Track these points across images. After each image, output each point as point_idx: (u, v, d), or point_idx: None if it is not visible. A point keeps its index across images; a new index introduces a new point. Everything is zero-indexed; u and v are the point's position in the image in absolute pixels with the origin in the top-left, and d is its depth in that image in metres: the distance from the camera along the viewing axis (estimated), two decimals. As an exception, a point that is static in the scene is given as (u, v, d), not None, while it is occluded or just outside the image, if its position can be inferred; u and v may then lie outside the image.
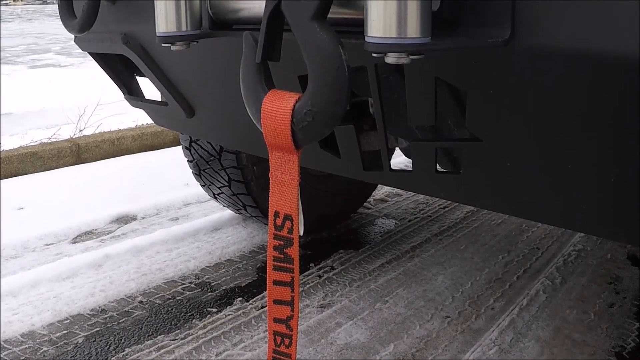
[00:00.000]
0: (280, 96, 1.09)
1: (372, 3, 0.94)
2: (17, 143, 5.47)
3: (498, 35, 1.03)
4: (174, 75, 2.02)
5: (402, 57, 0.94)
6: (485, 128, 1.31)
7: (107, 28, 1.95)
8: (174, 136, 5.70)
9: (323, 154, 1.75)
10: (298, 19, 1.03)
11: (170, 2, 1.33)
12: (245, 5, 1.31)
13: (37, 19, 46.83)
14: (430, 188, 1.60)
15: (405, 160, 4.44)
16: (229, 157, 2.91)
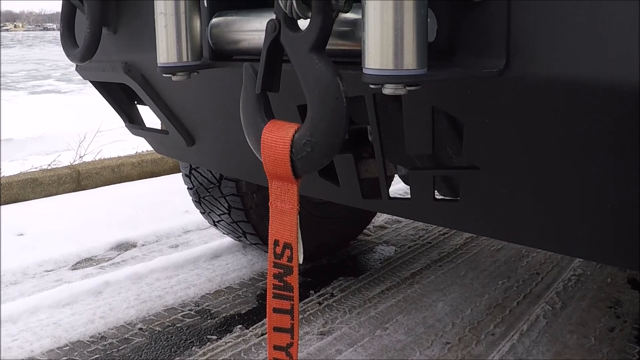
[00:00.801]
0: (280, 126, 1.11)
1: (369, 35, 0.96)
2: (18, 169, 5.50)
3: (493, 65, 1.05)
4: (175, 104, 2.04)
5: (399, 88, 0.96)
6: (482, 156, 1.32)
7: (108, 57, 1.97)
8: (173, 163, 5.72)
9: (322, 182, 1.76)
10: (297, 51, 1.05)
11: (172, 33, 1.36)
12: (245, 36, 1.33)
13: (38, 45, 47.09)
14: (429, 216, 1.62)
15: (405, 187, 4.45)
16: (229, 184, 2.92)
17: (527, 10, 1.02)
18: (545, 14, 1.00)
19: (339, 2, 1.01)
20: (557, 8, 0.98)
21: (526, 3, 1.01)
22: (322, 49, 1.04)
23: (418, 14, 0.95)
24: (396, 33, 0.93)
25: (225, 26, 1.36)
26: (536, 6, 1.00)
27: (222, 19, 1.38)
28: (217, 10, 1.40)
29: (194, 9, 1.37)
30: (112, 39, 1.92)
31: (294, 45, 1.06)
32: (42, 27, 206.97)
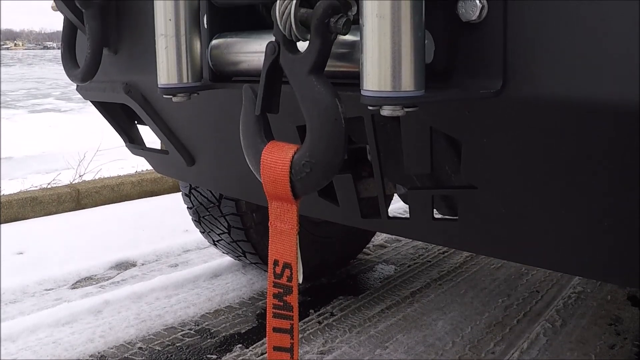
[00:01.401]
0: (279, 148, 1.12)
1: (367, 57, 0.97)
2: (17, 187, 5.50)
3: (490, 86, 1.06)
4: (175, 124, 2.05)
5: (397, 109, 0.97)
6: (480, 176, 1.33)
7: (109, 77, 1.99)
8: (173, 183, 5.73)
9: (321, 202, 1.77)
10: (296, 73, 1.06)
11: (172, 54, 1.37)
12: (245, 58, 1.34)
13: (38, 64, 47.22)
14: (428, 235, 1.62)
15: (404, 206, 4.46)
16: (229, 204, 2.93)
17: (523, 31, 1.03)
18: (541, 35, 1.01)
19: (337, 25, 1.02)
20: (552, 29, 0.99)
21: (522, 24, 1.02)
22: (321, 70, 1.05)
23: (415, 36, 0.96)
24: (394, 55, 0.95)
25: (225, 48, 1.38)
26: (532, 27, 1.02)
27: (222, 41, 1.39)
28: (217, 31, 1.42)
29: (194, 30, 1.39)
30: (112, 60, 1.93)
31: (293, 67, 1.07)
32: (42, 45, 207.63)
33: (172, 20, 1.36)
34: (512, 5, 1.04)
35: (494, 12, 1.05)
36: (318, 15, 1.02)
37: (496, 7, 1.05)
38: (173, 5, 1.36)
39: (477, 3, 1.05)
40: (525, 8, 1.02)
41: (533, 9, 1.02)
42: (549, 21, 1.00)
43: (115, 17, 1.89)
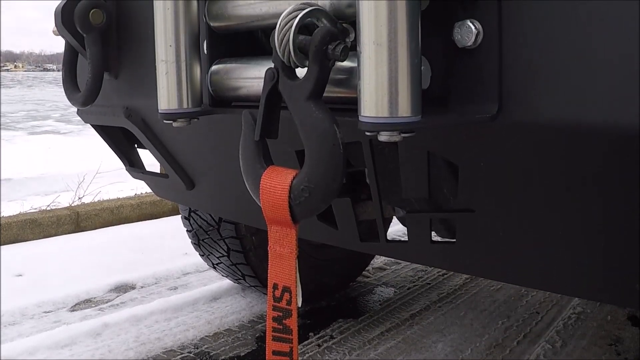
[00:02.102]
0: (278, 173, 1.13)
1: (365, 83, 0.98)
2: (16, 209, 5.51)
3: (486, 110, 1.07)
4: (175, 149, 2.07)
5: (394, 135, 0.98)
6: (477, 199, 1.34)
7: (109, 102, 2.00)
8: (172, 205, 5.74)
9: (320, 225, 1.78)
10: (295, 99, 1.08)
11: (172, 80, 1.39)
12: (244, 83, 1.36)
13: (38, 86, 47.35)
14: (426, 258, 1.63)
15: (404, 228, 4.46)
16: (228, 227, 2.94)
17: (519, 56, 1.05)
18: (536, 59, 1.03)
19: (335, 52, 1.04)
20: (547, 54, 1.01)
21: (517, 50, 1.04)
22: (319, 96, 1.06)
23: (412, 63, 0.97)
24: (391, 82, 0.96)
25: (225, 73, 1.40)
26: (527, 53, 1.03)
27: (222, 67, 1.41)
28: (216, 57, 1.44)
29: (195, 56, 1.40)
30: (113, 84, 1.95)
31: (292, 93, 1.08)
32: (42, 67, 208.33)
33: (173, 47, 1.37)
34: (507, 31, 1.05)
35: (489, 37, 1.07)
36: (316, 43, 1.04)
37: (491, 32, 1.06)
38: (174, 32, 1.38)
39: (472, 29, 1.07)
40: (520, 33, 1.04)
41: (528, 35, 1.03)
42: (544, 46, 1.02)
43: (115, 42, 1.91)
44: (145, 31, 1.77)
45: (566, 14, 0.99)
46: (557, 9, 1.00)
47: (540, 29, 1.02)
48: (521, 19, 1.04)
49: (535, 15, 1.02)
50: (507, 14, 1.05)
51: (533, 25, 1.03)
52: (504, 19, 1.06)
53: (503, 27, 1.06)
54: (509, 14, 1.05)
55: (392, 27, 0.96)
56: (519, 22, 1.04)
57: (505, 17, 1.06)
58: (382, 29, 0.96)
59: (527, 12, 1.03)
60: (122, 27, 1.88)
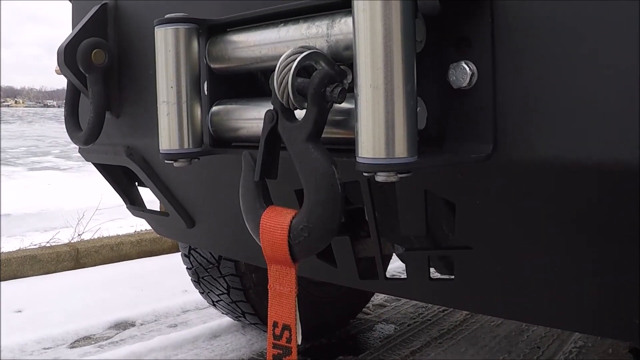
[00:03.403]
0: (278, 212, 1.15)
1: (362, 125, 1.00)
2: (16, 245, 5.51)
3: (481, 150, 1.10)
4: (176, 187, 2.08)
5: (391, 175, 1.00)
6: (474, 236, 1.36)
7: (111, 140, 2.03)
8: (172, 243, 5.73)
9: (320, 264, 1.78)
10: (294, 140, 1.10)
11: (173, 120, 1.41)
12: (244, 124, 1.38)
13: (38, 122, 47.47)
14: (425, 295, 1.64)
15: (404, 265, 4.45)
16: (228, 264, 2.94)
17: (513, 96, 1.07)
18: (530, 99, 1.05)
19: (333, 94, 1.06)
20: (541, 93, 1.03)
21: (511, 90, 1.07)
22: (318, 138, 1.08)
23: (408, 104, 0.99)
24: (387, 124, 0.98)
25: (225, 114, 1.42)
26: (521, 92, 1.06)
27: (222, 107, 1.43)
28: (217, 98, 1.46)
29: (195, 97, 1.43)
30: (114, 123, 1.98)
31: (291, 134, 1.11)
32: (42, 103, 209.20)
33: (174, 88, 1.40)
34: (501, 72, 1.08)
35: (483, 78, 1.09)
36: (314, 85, 1.06)
37: (486, 73, 1.09)
38: (175, 73, 1.40)
39: (467, 70, 1.10)
40: (514, 74, 1.07)
41: (522, 75, 1.06)
42: (538, 86, 1.04)
43: (117, 82, 1.94)
44: (146, 71, 1.80)
45: (559, 54, 1.01)
46: (550, 50, 1.02)
47: (534, 69, 1.04)
48: (515, 60, 1.06)
49: (529, 56, 1.05)
50: (501, 55, 1.08)
51: (526, 65, 1.05)
52: (498, 60, 1.08)
53: (497, 68, 1.08)
54: (503, 55, 1.08)
55: (388, 70, 0.98)
56: (512, 62, 1.07)
57: (499, 58, 1.08)
58: (378, 72, 0.98)
59: (520, 53, 1.06)
60: (124, 67, 1.91)
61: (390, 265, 3.20)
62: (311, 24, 1.20)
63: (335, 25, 1.16)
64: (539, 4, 1.03)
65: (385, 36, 0.98)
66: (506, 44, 1.07)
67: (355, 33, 1.01)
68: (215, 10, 1.56)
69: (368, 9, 0.99)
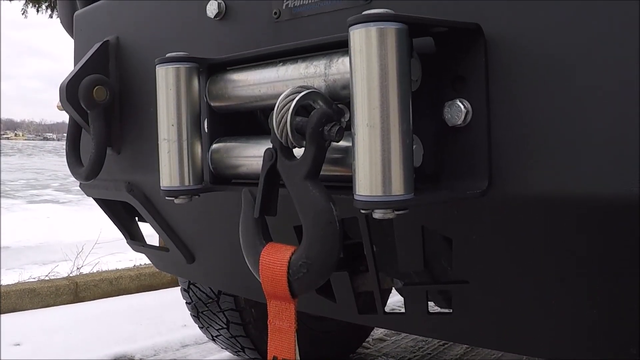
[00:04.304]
0: (277, 249, 1.16)
1: (359, 164, 1.02)
2: (14, 278, 5.49)
3: (476, 186, 1.12)
4: (176, 223, 2.10)
5: (388, 213, 1.02)
6: (471, 271, 1.37)
7: (111, 176, 2.04)
8: (171, 277, 5.71)
9: (319, 299, 1.79)
10: (293, 178, 1.12)
11: (174, 158, 1.43)
12: (244, 162, 1.40)
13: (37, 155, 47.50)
14: (424, 329, 1.65)
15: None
16: (227, 299, 2.94)
17: (507, 133, 1.09)
18: (524, 136, 1.07)
19: (330, 133, 1.08)
20: (534, 130, 1.06)
21: (506, 127, 1.09)
22: (316, 176, 1.11)
23: (404, 143, 1.01)
24: (384, 162, 1.00)
25: (225, 152, 1.44)
26: (515, 129, 1.08)
27: (222, 145, 1.45)
28: (217, 136, 1.48)
29: (196, 135, 1.45)
30: (115, 159, 2.00)
31: (290, 172, 1.13)
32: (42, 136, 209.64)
33: (175, 126, 1.42)
34: (496, 109, 1.11)
35: (478, 116, 1.12)
36: (312, 124, 1.08)
37: (480, 111, 1.11)
38: (175, 112, 1.42)
39: (462, 108, 1.12)
40: (507, 112, 1.09)
41: (516, 112, 1.08)
42: (531, 123, 1.07)
43: (118, 118, 1.96)
44: (147, 108, 1.83)
45: (552, 92, 1.04)
46: (543, 88, 1.05)
47: (527, 106, 1.07)
48: (508, 98, 1.09)
49: (522, 94, 1.08)
50: (495, 93, 1.11)
51: (520, 103, 1.08)
52: (492, 98, 1.11)
53: (491, 106, 1.11)
54: (497, 93, 1.10)
55: (385, 109, 1.00)
56: (506, 100, 1.10)
57: (493, 97, 1.11)
58: (375, 111, 1.01)
59: (514, 91, 1.08)
60: (125, 104, 1.94)
61: (390, 299, 3.20)
62: (309, 63, 1.23)
63: (333, 65, 1.19)
64: (532, 43, 1.06)
65: (382, 76, 1.01)
66: (500, 82, 1.10)
67: (352, 73, 1.04)
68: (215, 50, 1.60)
69: (364, 50, 1.02)
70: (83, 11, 2.17)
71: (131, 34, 1.92)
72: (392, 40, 1.01)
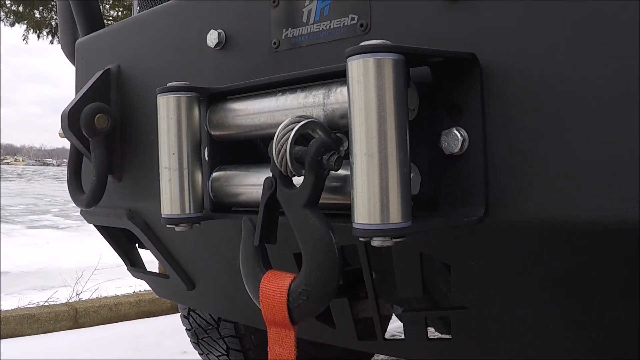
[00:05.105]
0: (277, 276, 1.18)
1: (357, 193, 1.04)
2: (14, 303, 5.49)
3: (473, 213, 1.13)
4: (176, 250, 2.11)
5: (386, 240, 1.03)
6: (469, 296, 1.38)
7: (112, 203, 2.05)
8: (171, 303, 5.70)
9: (318, 325, 1.80)
10: (292, 206, 1.13)
11: (175, 186, 1.44)
12: (244, 190, 1.41)
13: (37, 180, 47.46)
14: (424, 355, 1.65)
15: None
16: (227, 326, 2.93)
17: (503, 160, 1.11)
18: (520, 163, 1.09)
19: (329, 162, 1.10)
20: (530, 157, 1.07)
21: (502, 154, 1.11)
22: (315, 204, 1.12)
23: (401, 171, 1.03)
24: (382, 190, 1.01)
25: (225, 180, 1.45)
26: (511, 156, 1.10)
27: (222, 173, 1.47)
28: (217, 164, 1.50)
29: (196, 163, 1.46)
30: (116, 187, 2.01)
31: (289, 201, 1.14)
32: (42, 162, 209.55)
33: (176, 155, 1.43)
34: (492, 137, 1.12)
35: (474, 144, 1.13)
36: (311, 154, 1.10)
37: (477, 139, 1.13)
38: (176, 140, 1.44)
39: (458, 136, 1.14)
40: (503, 139, 1.11)
41: (511, 141, 1.10)
42: (527, 150, 1.08)
43: (119, 146, 1.98)
44: (148, 136, 1.84)
45: (547, 120, 1.05)
46: (538, 116, 1.07)
47: (523, 134, 1.08)
48: (504, 126, 1.11)
49: (518, 122, 1.09)
50: (491, 122, 1.12)
51: (516, 131, 1.09)
52: (488, 126, 1.13)
53: (487, 134, 1.13)
54: (493, 121, 1.12)
55: (382, 138, 1.02)
56: (502, 128, 1.11)
57: (489, 125, 1.12)
58: (372, 141, 1.02)
59: (509, 119, 1.10)
60: (126, 132, 1.95)
61: (390, 325, 3.19)
62: (308, 93, 1.25)
63: (331, 95, 1.20)
64: (527, 72, 1.08)
65: (379, 106, 1.02)
66: (496, 111, 1.12)
67: (350, 103, 1.05)
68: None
69: (362, 80, 1.03)
70: (85, 39, 2.19)
71: (132, 62, 1.95)
72: (390, 71, 1.03)
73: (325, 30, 1.39)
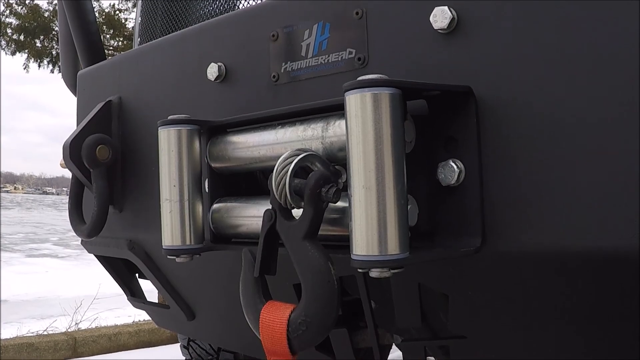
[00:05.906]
0: (277, 307, 1.19)
1: (356, 224, 1.05)
2: (12, 332, 5.47)
3: (470, 244, 1.14)
4: (176, 280, 2.11)
5: (384, 271, 1.04)
6: (468, 326, 1.39)
7: (113, 234, 2.06)
8: (171, 333, 5.68)
9: (318, 355, 1.80)
10: (291, 238, 1.15)
11: (176, 218, 1.45)
12: (244, 222, 1.42)
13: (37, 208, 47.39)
14: (423, 384, 1.65)
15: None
16: (227, 356, 2.93)
17: (500, 191, 1.12)
18: (516, 194, 1.10)
19: (328, 194, 1.12)
20: (526, 188, 1.09)
21: (498, 185, 1.12)
22: (314, 236, 1.14)
23: (399, 203, 1.04)
24: (379, 222, 1.03)
25: (226, 212, 1.47)
26: (507, 187, 1.11)
27: (223, 205, 1.49)
28: (217, 196, 1.51)
29: (197, 195, 1.48)
30: (117, 217, 2.02)
31: (289, 233, 1.16)
32: (41, 190, 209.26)
33: (177, 187, 1.45)
34: (488, 169, 1.14)
35: (471, 175, 1.15)
36: (310, 187, 1.12)
37: (473, 170, 1.15)
38: (177, 172, 1.45)
39: (455, 168, 1.15)
40: (499, 171, 1.12)
41: (507, 172, 1.12)
42: (522, 182, 1.10)
43: (120, 177, 1.99)
44: (149, 167, 1.86)
45: (543, 151, 1.07)
46: (534, 147, 1.08)
47: (519, 165, 1.10)
48: (500, 158, 1.12)
49: (514, 154, 1.11)
50: (487, 153, 1.14)
51: (511, 162, 1.11)
52: (484, 158, 1.14)
53: (483, 165, 1.14)
54: (489, 153, 1.14)
55: (380, 171, 1.03)
56: (498, 160, 1.13)
57: (485, 156, 1.14)
58: (370, 174, 1.04)
59: (505, 151, 1.12)
60: (127, 163, 1.97)
61: (391, 355, 3.18)
62: (307, 126, 1.27)
63: (330, 128, 1.22)
64: (522, 105, 1.10)
65: (377, 139, 1.04)
66: (492, 143, 1.14)
67: (348, 136, 1.07)
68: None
69: (360, 114, 1.05)
70: (87, 70, 2.22)
71: (133, 94, 1.97)
72: (387, 105, 1.05)
73: (324, 63, 1.41)
